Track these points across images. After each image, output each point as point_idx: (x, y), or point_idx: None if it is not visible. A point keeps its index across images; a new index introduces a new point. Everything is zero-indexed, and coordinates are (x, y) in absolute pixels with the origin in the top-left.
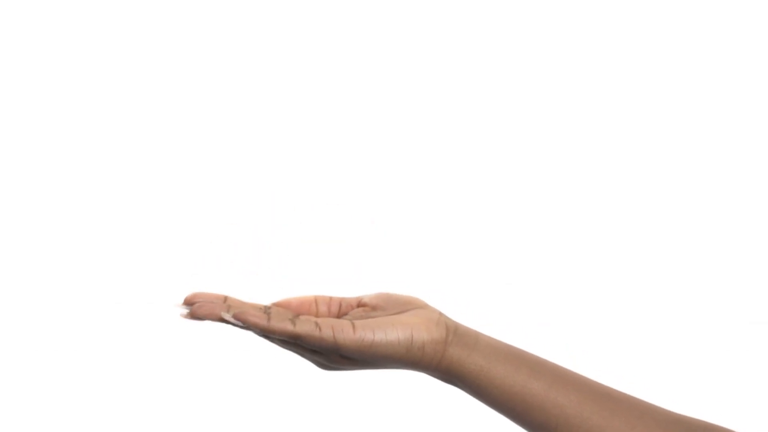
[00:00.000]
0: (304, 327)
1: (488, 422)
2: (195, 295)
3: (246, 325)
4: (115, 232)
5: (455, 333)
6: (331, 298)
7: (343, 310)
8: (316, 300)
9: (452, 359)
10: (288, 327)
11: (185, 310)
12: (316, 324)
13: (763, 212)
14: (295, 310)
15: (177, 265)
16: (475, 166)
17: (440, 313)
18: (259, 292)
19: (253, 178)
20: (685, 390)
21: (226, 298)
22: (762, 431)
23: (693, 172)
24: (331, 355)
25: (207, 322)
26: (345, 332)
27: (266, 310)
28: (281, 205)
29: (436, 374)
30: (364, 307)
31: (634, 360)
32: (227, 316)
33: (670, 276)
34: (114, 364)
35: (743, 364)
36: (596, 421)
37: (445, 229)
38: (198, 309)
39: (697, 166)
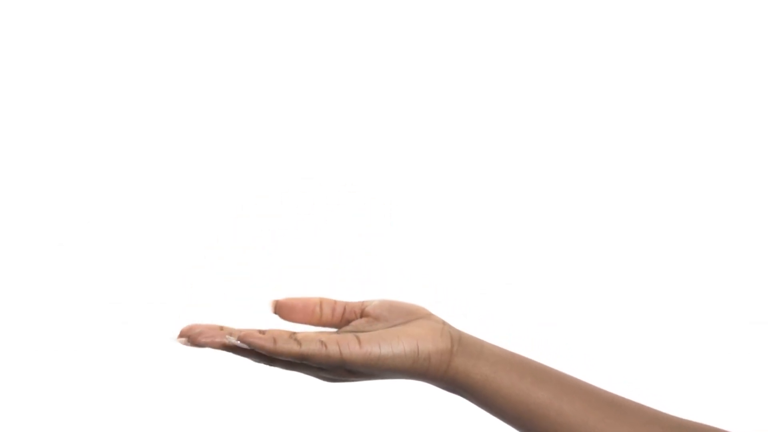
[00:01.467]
0: (311, 347)
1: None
2: (192, 327)
3: (252, 347)
4: (114, 235)
5: (459, 342)
6: (335, 302)
7: (346, 315)
8: (321, 303)
9: (458, 369)
10: (294, 348)
11: (184, 341)
12: (321, 342)
13: (763, 212)
14: (299, 311)
15: (176, 267)
16: (474, 167)
17: (444, 323)
18: (258, 296)
19: (253, 181)
20: (685, 390)
21: (222, 327)
22: (762, 431)
23: (693, 172)
24: (337, 370)
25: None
26: (351, 347)
27: (265, 333)
28: (279, 207)
29: (441, 384)
30: (366, 318)
31: (634, 360)
32: (232, 340)
33: (670, 276)
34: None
35: (743, 364)
36: (602, 429)
37: (445, 230)
38: (199, 336)
39: (697, 166)
